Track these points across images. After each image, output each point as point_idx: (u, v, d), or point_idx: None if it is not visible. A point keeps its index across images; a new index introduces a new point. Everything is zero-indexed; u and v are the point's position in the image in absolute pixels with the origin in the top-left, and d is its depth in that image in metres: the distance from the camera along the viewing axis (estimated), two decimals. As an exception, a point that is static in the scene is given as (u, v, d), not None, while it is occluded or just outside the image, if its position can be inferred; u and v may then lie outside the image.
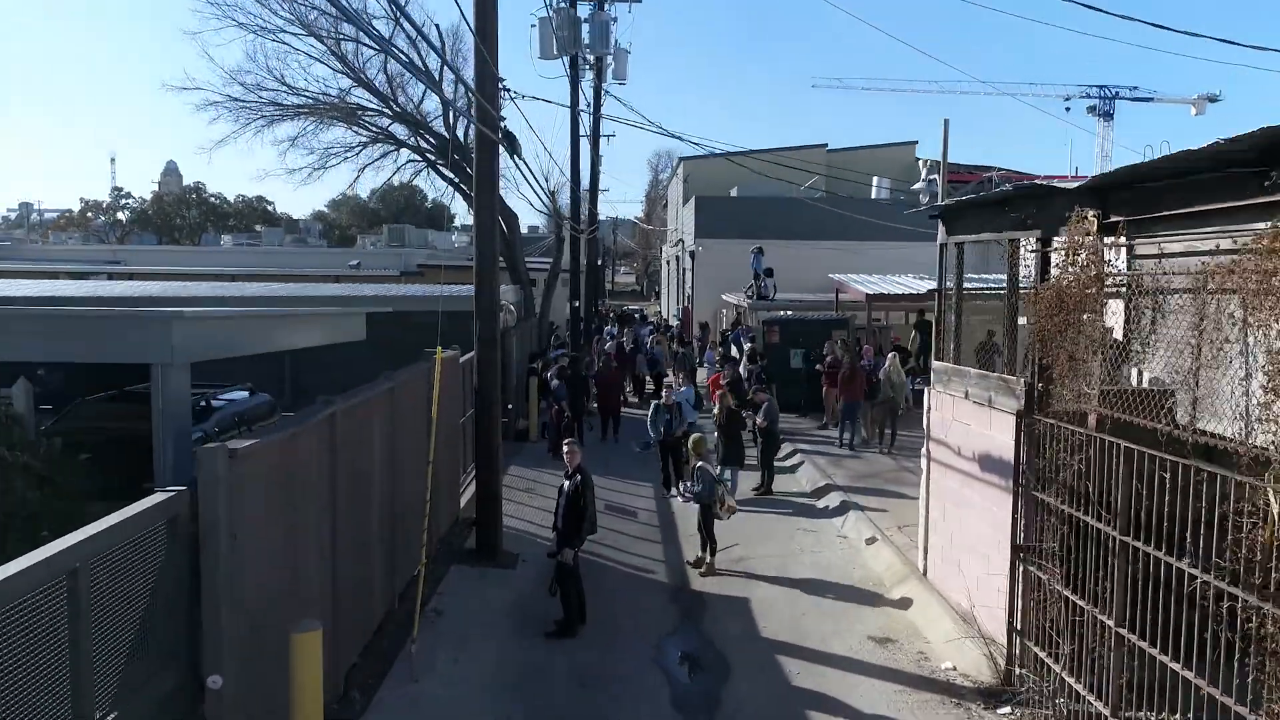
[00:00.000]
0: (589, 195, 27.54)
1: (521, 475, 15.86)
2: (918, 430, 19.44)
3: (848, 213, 34.08)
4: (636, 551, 12.22)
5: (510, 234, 26.53)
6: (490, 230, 10.84)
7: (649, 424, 15.12)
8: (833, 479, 14.89)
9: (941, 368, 10.00)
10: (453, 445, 12.38)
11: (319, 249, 42.97)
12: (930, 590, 9.89)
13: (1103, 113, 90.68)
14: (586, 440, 19.16)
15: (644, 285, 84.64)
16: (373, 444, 8.53)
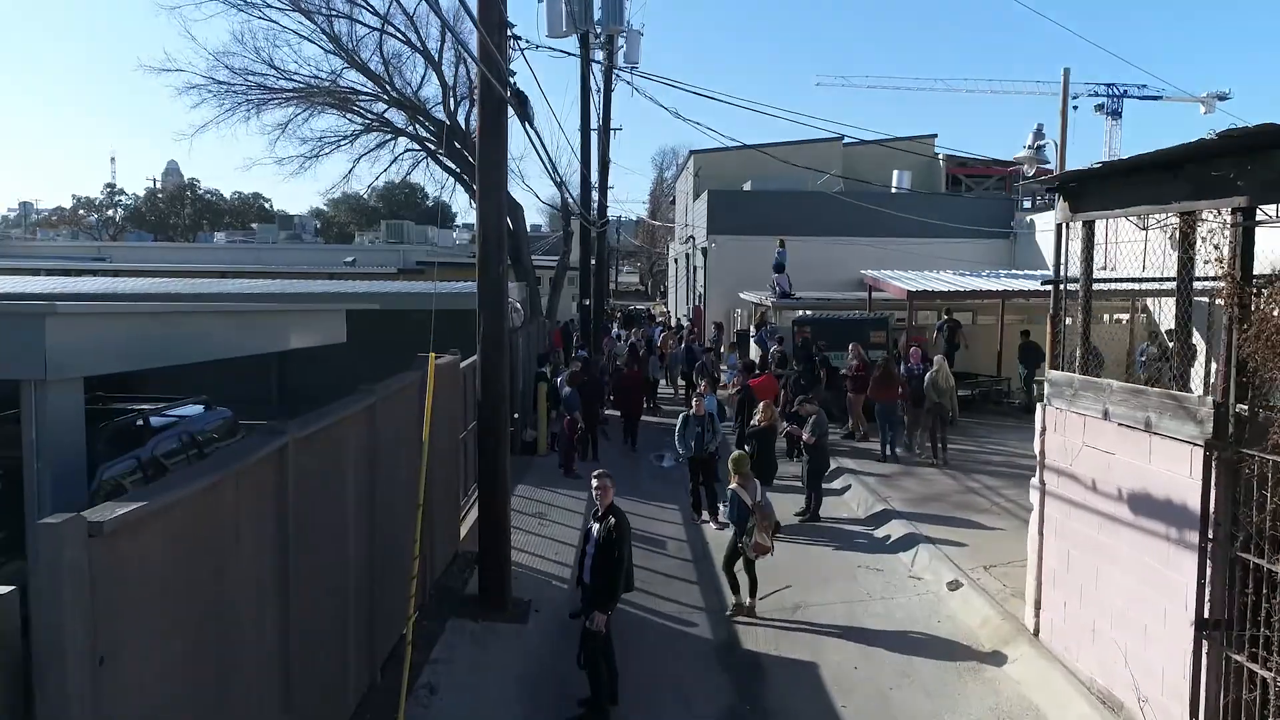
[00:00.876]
0: (599, 185, 25.48)
1: (531, 497, 13.80)
2: (968, 442, 18.29)
3: (872, 205, 32.04)
4: (670, 595, 10.16)
5: (516, 229, 24.49)
6: (498, 203, 8.79)
7: (677, 437, 13.06)
8: (889, 503, 12.81)
9: (1062, 379, 7.93)
10: (451, 466, 10.33)
11: (314, 246, 40.86)
12: (1048, 658, 7.82)
13: (1111, 111, 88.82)
14: (604, 453, 17.11)
15: (648, 285, 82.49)
16: (344, 478, 6.48)
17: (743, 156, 40.61)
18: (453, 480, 10.40)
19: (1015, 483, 13.68)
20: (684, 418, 13.02)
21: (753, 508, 9.58)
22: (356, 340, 11.74)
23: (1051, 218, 28.15)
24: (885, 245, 33.29)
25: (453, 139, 24.63)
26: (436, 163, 26.96)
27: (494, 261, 8.83)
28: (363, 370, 8.96)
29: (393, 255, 36.26)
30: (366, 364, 10.00)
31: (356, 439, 6.73)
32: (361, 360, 11.53)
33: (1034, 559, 8.30)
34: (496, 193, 8.86)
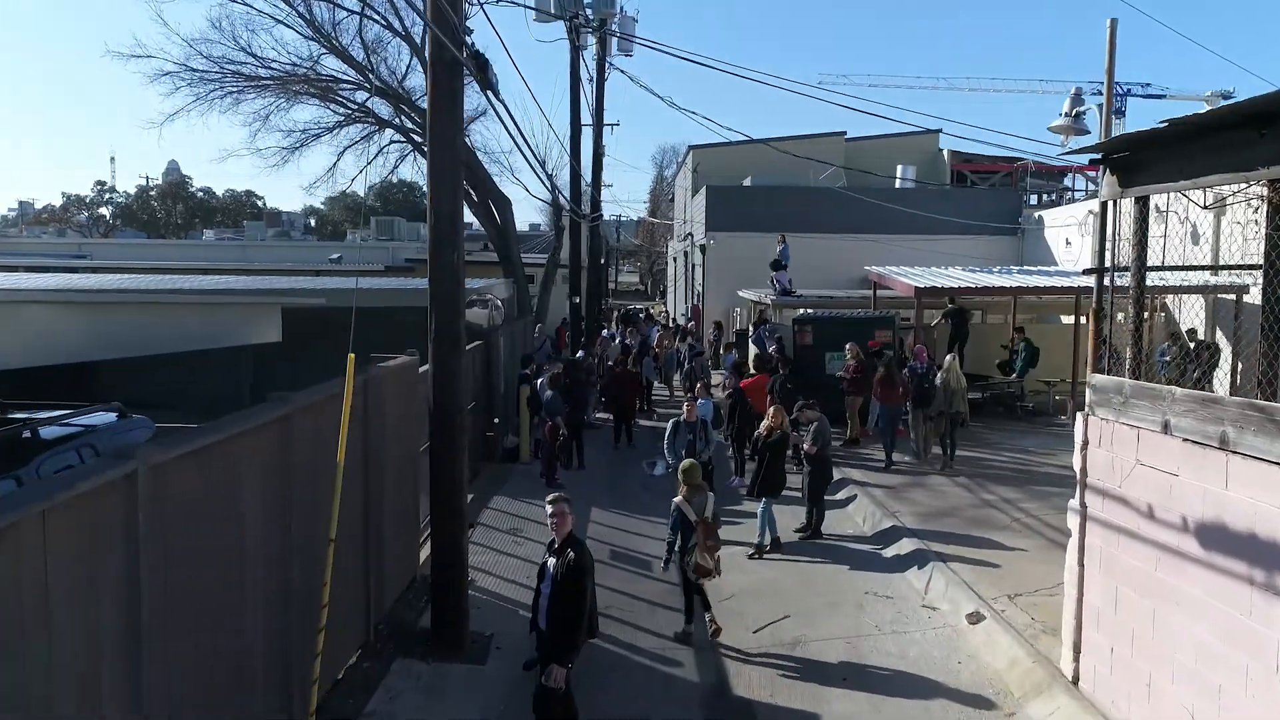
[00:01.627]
0: (591, 179, 24.25)
1: (506, 510, 12.59)
2: (980, 449, 17.02)
3: (876, 201, 30.84)
4: (653, 626, 8.94)
5: (503, 222, 23.30)
6: (452, 178, 7.59)
7: (666, 444, 11.83)
8: (899, 518, 11.57)
9: (1109, 384, 6.69)
10: (407, 485, 9.11)
11: (301, 243, 39.60)
12: (1091, 712, 6.59)
13: (1114, 110, 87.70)
14: (592, 459, 15.89)
15: (648, 285, 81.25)
16: (242, 503, 5.27)
17: (742, 152, 39.50)
18: (409, 498, 9.18)
19: (1035, 496, 12.46)
20: (674, 424, 11.80)
21: (695, 524, 8.48)
22: (339, 338, 11.15)
23: (1061, 214, 26.92)
24: (889, 242, 32.20)
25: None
26: (423, 155, 25.73)
27: (447, 248, 7.63)
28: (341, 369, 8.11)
29: (381, 253, 35.04)
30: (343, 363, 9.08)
31: (262, 456, 5.52)
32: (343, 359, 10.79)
33: (1072, 593, 7.06)
34: (450, 169, 7.65)
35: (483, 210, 23.78)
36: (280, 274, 23.83)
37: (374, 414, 7.96)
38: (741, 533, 11.90)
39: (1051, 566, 9.49)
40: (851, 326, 17.80)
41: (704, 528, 8.43)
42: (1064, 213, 31.84)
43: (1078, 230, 29.41)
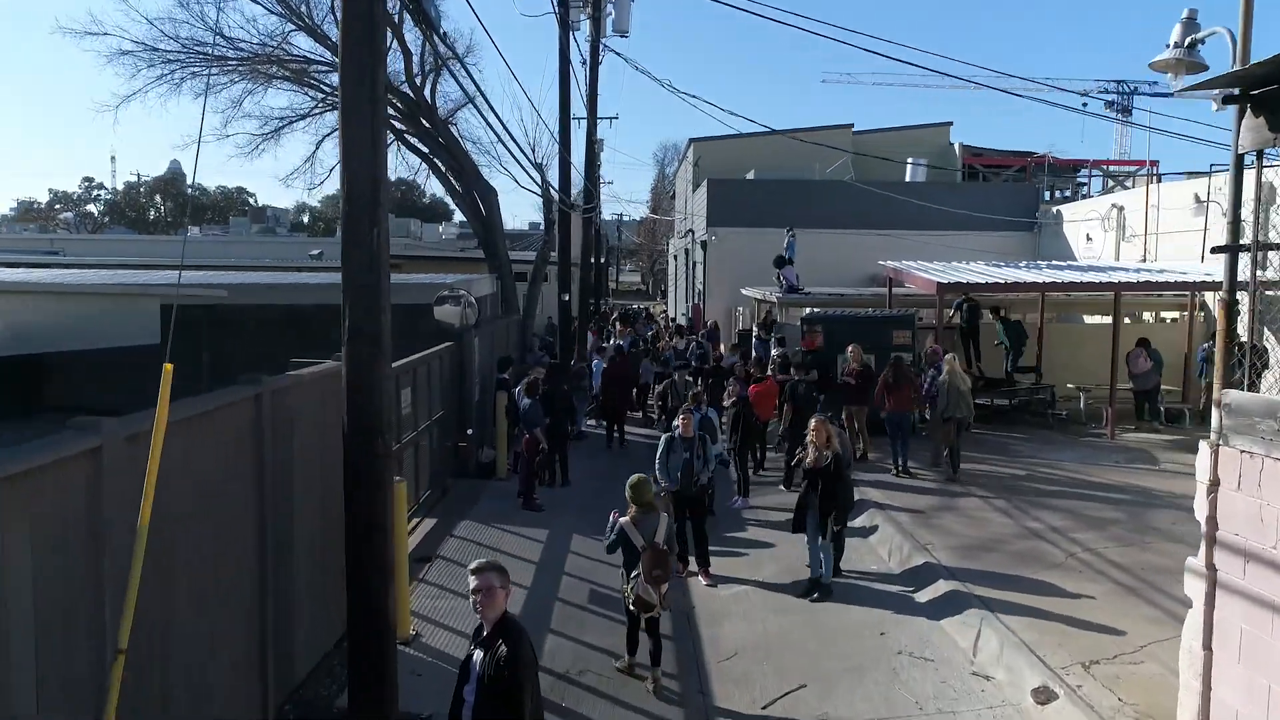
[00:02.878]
0: (584, 168, 22.43)
1: (474, 539, 10.75)
2: (1012, 463, 14.20)
3: (889, 192, 29.06)
4: (632, 699, 7.09)
5: (489, 214, 21.47)
6: (371, 129, 5.75)
7: (658, 464, 9.97)
8: (931, 551, 9.72)
9: (1257, 405, 4.83)
10: (333, 526, 7.26)
11: (285, 239, 37.72)
12: None
13: (1121, 108, 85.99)
14: (579, 470, 14.07)
15: (650, 284, 79.37)
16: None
17: (745, 145, 37.64)
18: (333, 542, 7.34)
19: (1088, 523, 10.61)
20: (667, 440, 9.92)
21: (641, 550, 7.19)
22: (319, 340, 9.92)
23: (1081, 209, 24.93)
24: (899, 237, 30.38)
25: (418, 115, 21.66)
26: (405, 144, 23.86)
27: (364, 222, 5.79)
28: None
29: (368, 249, 33.34)
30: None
31: (48, 507, 3.69)
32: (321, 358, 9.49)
33: (1194, 685, 5.21)
34: (370, 116, 5.82)
35: (467, 202, 21.97)
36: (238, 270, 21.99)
37: (276, 439, 6.15)
38: (746, 568, 10.07)
39: (1130, 620, 7.66)
40: (867, 326, 15.94)
41: (651, 555, 7.17)
42: (1084, 207, 29.99)
43: (1100, 225, 27.56)
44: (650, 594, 7.18)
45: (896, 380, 13.15)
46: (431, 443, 11.89)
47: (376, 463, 5.94)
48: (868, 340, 15.22)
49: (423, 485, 11.50)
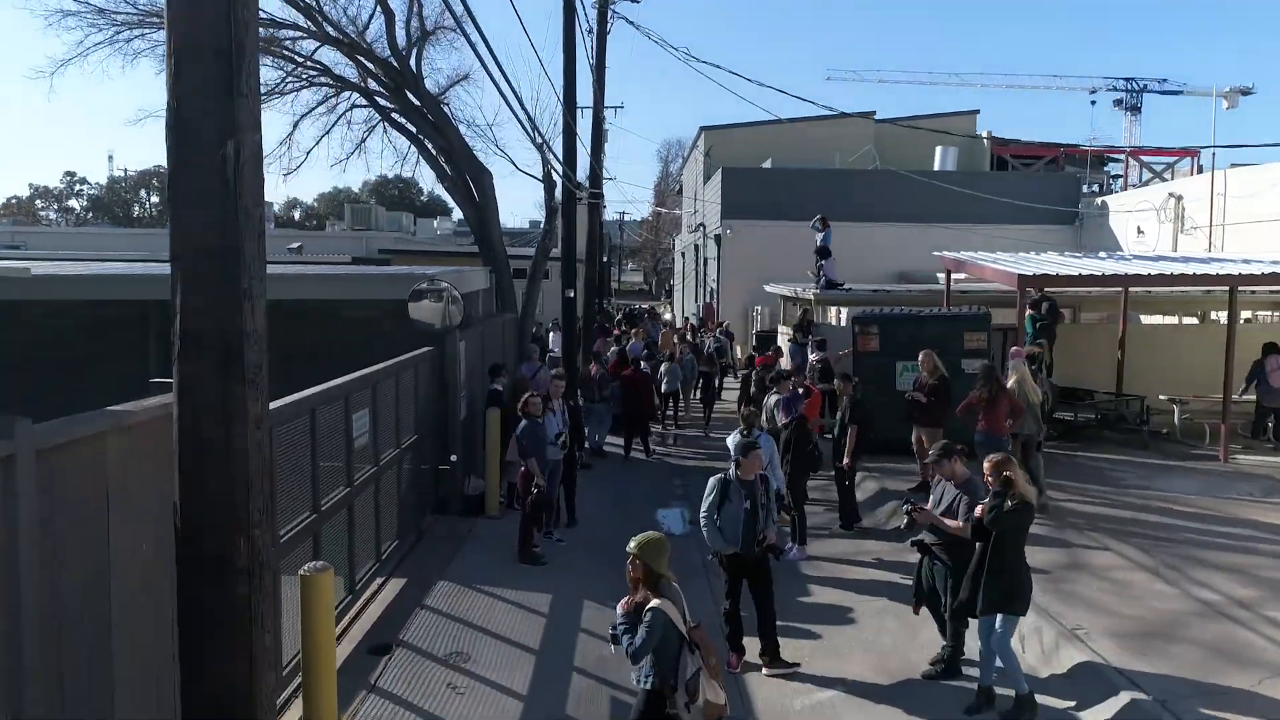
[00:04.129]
0: (590, 148, 19.62)
1: (453, 611, 7.92)
2: (1114, 491, 11.26)
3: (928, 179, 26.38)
4: None
5: (483, 200, 18.60)
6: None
7: (704, 520, 7.08)
8: (1086, 639, 6.92)
9: None
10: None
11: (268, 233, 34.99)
12: None
13: (1130, 106, 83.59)
14: (591, 502, 11.27)
15: (653, 284, 76.50)
16: None
17: (759, 134, 34.81)
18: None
19: (1275, 589, 7.81)
20: (719, 485, 7.05)
21: (690, 635, 4.85)
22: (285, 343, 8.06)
23: (1130, 199, 21.95)
24: (928, 231, 27.76)
25: (403, 89, 18.85)
26: (393, 125, 21.00)
27: (210, 128, 2.97)
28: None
29: (354, 242, 30.52)
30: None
31: None
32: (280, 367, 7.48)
33: None
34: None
35: (459, 187, 19.11)
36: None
37: (44, 551, 3.32)
38: (825, 657, 7.26)
39: None
40: (932, 328, 13.14)
41: (701, 636, 4.93)
42: (1134, 197, 27.24)
43: (1155, 216, 24.82)
44: (720, 694, 4.86)
45: (994, 394, 10.35)
46: (400, 478, 9.08)
47: (223, 531, 3.10)
48: (934, 344, 12.46)
49: (387, 535, 8.69)
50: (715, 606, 8.09)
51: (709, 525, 6.93)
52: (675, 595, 4.93)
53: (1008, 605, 6.06)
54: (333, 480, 7.11)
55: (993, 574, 6.04)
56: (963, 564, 6.59)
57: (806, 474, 9.75)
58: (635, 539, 5.01)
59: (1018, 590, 6.08)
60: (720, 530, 6.86)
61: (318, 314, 11.66)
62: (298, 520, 6.28)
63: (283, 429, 6.08)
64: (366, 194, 69.84)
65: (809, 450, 9.61)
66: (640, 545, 4.94)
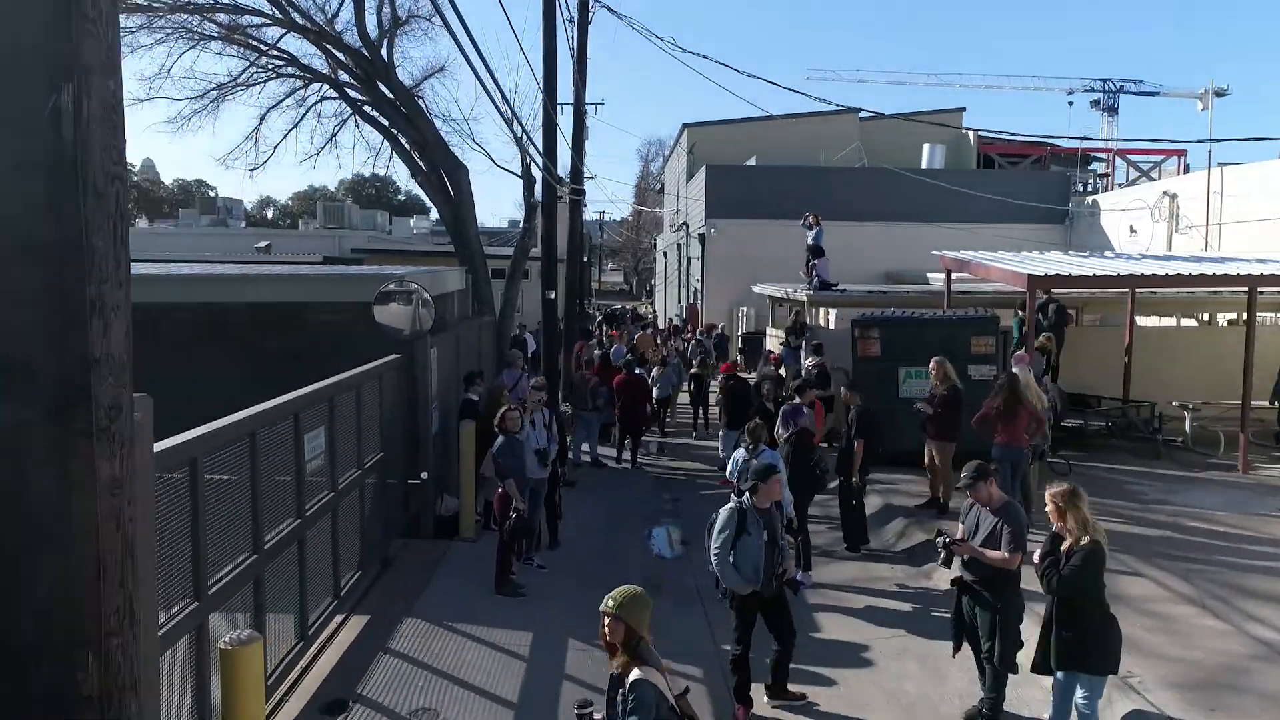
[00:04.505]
0: (572, 140, 18.64)
1: (420, 655, 6.96)
2: (1129, 504, 10.33)
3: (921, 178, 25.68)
4: None
5: (459, 196, 17.61)
6: None
7: (715, 555, 6.13)
8: (1141, 689, 6.07)
9: None
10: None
11: (235, 232, 33.67)
12: None
13: (1107, 107, 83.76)
14: (579, 519, 10.32)
15: (633, 284, 75.57)
16: None
17: (743, 131, 34.01)
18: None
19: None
20: (734, 516, 6.12)
21: (679, 706, 3.95)
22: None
23: (1123, 198, 21.17)
24: (916, 230, 27.21)
25: (374, 79, 17.85)
26: (364, 118, 19.95)
27: (31, 91, 2.02)
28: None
29: (326, 241, 29.42)
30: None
31: None
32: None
33: None
34: None
35: (432, 182, 18.11)
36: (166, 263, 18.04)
37: None
38: (842, 706, 6.37)
39: None
40: (937, 331, 12.31)
41: (691, 714, 4.03)
42: (1126, 196, 26.62)
43: (1149, 215, 24.18)
44: None
45: (1012, 409, 9.51)
46: (363, 502, 8.11)
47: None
48: (939, 349, 11.63)
49: (347, 566, 7.74)
50: (715, 645, 7.22)
51: (722, 563, 6.02)
52: (655, 659, 4.00)
53: (1092, 662, 5.20)
54: (280, 512, 6.15)
55: (1068, 625, 5.18)
56: (1010, 602, 5.76)
57: (810, 494, 8.87)
58: (612, 595, 4.04)
59: (1103, 642, 5.22)
60: (736, 567, 5.96)
61: (277, 318, 10.69)
62: (233, 566, 5.32)
63: (215, 458, 5.14)
64: (343, 193, 68.46)
65: (811, 467, 8.73)
66: (619, 603, 3.99)
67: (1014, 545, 5.74)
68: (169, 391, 5.29)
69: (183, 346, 9.95)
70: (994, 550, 5.76)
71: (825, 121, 33.20)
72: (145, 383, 2.93)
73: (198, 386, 9.99)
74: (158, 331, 9.62)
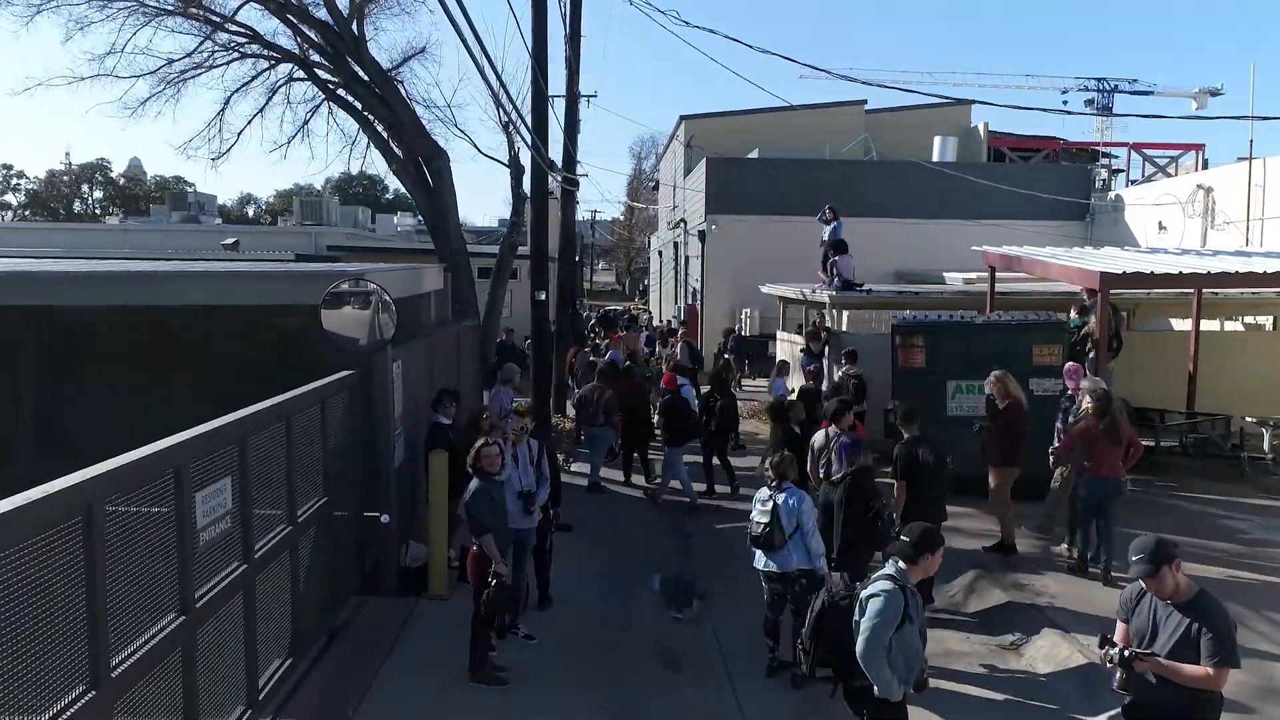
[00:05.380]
0: (564, 126, 16.70)
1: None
2: (1208, 543, 8.24)
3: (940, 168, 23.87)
4: None
5: (437, 185, 15.66)
6: None
7: (866, 651, 4.20)
8: None
9: None
10: None
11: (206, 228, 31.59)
12: None
13: (1101, 106, 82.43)
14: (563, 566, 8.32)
15: (625, 284, 73.55)
16: None
17: (743, 123, 32.05)
18: None
19: None
20: (895, 599, 4.20)
21: None
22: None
23: (1149, 192, 18.91)
24: (925, 227, 25.43)
25: (344, 56, 15.94)
26: (336, 101, 17.95)
27: None
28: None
29: (301, 238, 27.45)
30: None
31: None
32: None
33: None
34: None
35: (409, 171, 16.15)
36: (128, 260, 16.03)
37: None
38: None
39: None
40: (993, 339, 10.45)
41: None
42: (1154, 190, 24.80)
43: (1180, 210, 22.40)
44: None
45: (1113, 425, 7.68)
46: (296, 565, 6.19)
47: None
48: (996, 359, 9.78)
49: (274, 651, 5.82)
50: None
51: (878, 661, 4.16)
52: None
53: None
54: (153, 608, 4.24)
55: None
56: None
57: (870, 552, 6.99)
58: None
59: None
60: (891, 669, 4.16)
61: (209, 324, 8.78)
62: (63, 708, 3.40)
63: (21, 552, 3.23)
64: (330, 191, 66.25)
65: (872, 518, 6.84)
66: None
67: (1220, 656, 3.89)
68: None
69: (82, 357, 8.04)
70: (1194, 667, 3.90)
71: (829, 113, 31.41)
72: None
73: (127, 404, 8.18)
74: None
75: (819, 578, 6.24)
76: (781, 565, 6.40)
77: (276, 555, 5.81)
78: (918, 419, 7.68)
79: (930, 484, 7.47)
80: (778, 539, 6.30)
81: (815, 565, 6.34)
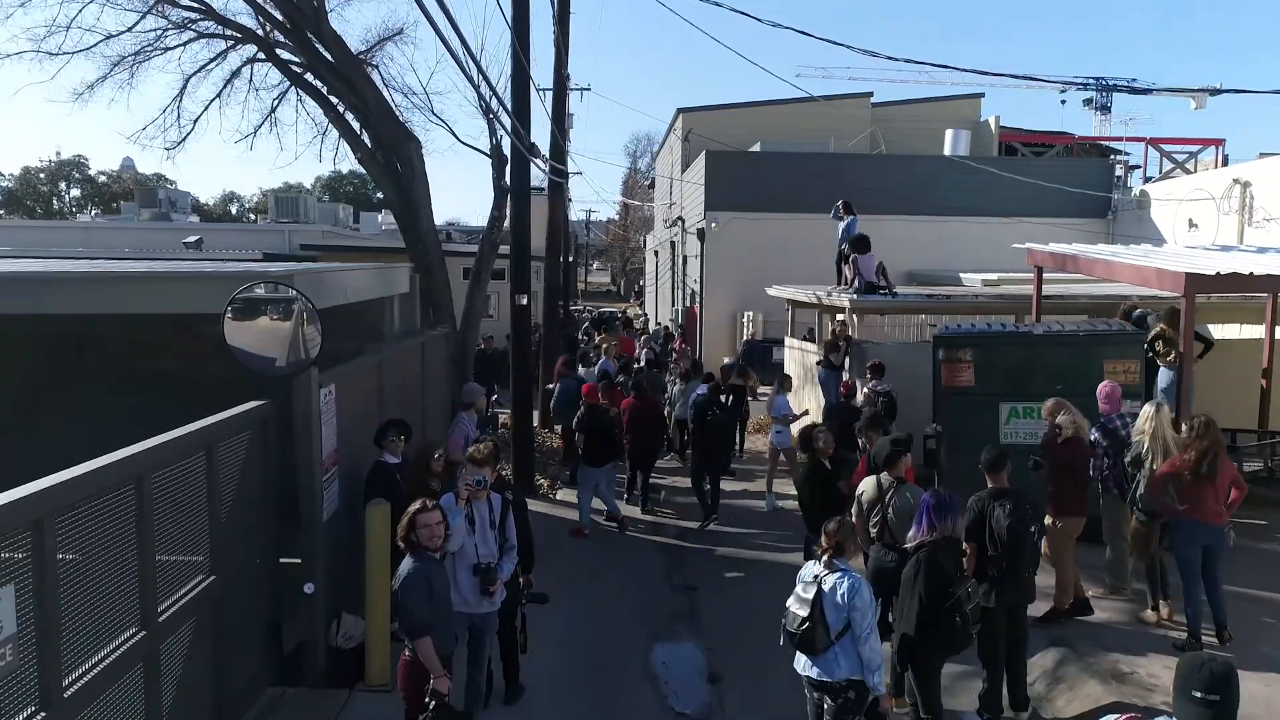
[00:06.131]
0: (552, 110, 14.92)
1: None
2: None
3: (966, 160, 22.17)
4: None
5: (408, 176, 13.83)
6: None
7: None
8: None
9: None
10: None
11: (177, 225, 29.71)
12: None
13: (1100, 105, 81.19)
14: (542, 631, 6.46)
15: (620, 285, 71.68)
16: None
17: (742, 116, 30.27)
18: None
19: None
20: None
21: None
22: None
23: (1179, 187, 16.43)
24: (937, 225, 23.75)
25: (305, 28, 14.10)
26: (302, 86, 16.10)
27: None
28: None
29: (275, 236, 25.65)
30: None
31: None
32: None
33: None
34: None
35: (377, 160, 14.32)
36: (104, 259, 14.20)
37: None
38: None
39: None
40: (1056, 352, 8.69)
41: None
42: (1184, 185, 23.06)
43: (1215, 206, 20.69)
44: None
45: (1212, 465, 5.99)
46: (158, 681, 4.40)
47: None
48: (1061, 376, 8.04)
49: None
50: None
51: None
52: None
53: None
54: None
55: None
56: None
57: (942, 654, 5.18)
58: None
59: None
60: None
61: (107, 337, 7.01)
62: None
63: None
64: (320, 190, 64.35)
65: (950, 609, 5.02)
66: None
67: None
68: None
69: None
70: None
71: (834, 106, 29.66)
72: None
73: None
74: None
75: (873, 698, 4.51)
76: (825, 673, 4.65)
77: (116, 679, 4.03)
78: (1006, 465, 5.89)
79: (1009, 557, 5.64)
80: (820, 641, 4.55)
81: (869, 678, 4.58)
